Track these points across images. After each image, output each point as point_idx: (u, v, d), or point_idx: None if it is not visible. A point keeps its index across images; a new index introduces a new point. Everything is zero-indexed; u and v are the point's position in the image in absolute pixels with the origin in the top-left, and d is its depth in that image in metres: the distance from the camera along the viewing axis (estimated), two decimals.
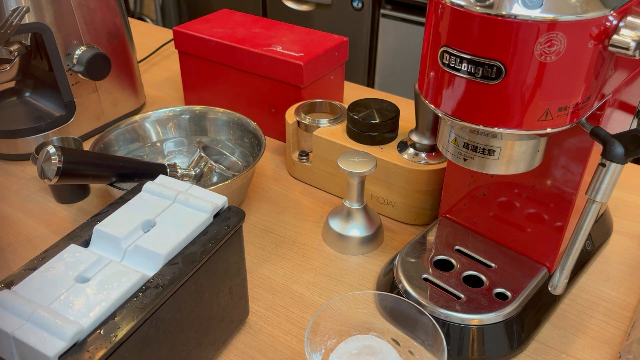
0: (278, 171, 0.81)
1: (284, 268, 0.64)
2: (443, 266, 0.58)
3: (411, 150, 0.68)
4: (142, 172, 0.66)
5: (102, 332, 0.38)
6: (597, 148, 0.49)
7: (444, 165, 0.66)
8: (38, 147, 0.73)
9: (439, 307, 0.53)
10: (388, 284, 0.58)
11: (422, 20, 1.84)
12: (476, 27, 0.39)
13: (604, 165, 0.42)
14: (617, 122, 0.52)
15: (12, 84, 0.91)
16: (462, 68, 0.41)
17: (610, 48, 0.39)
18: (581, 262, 0.63)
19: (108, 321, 0.38)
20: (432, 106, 0.45)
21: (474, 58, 0.40)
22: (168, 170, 0.68)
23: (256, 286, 0.62)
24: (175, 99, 1.01)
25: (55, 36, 0.78)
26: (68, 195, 0.74)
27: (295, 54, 0.79)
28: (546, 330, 0.56)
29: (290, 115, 0.76)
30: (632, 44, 0.38)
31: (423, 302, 0.54)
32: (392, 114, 0.70)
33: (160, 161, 0.77)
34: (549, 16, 0.37)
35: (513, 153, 0.46)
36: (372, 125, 0.69)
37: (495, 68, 0.39)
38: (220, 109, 0.79)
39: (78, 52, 0.82)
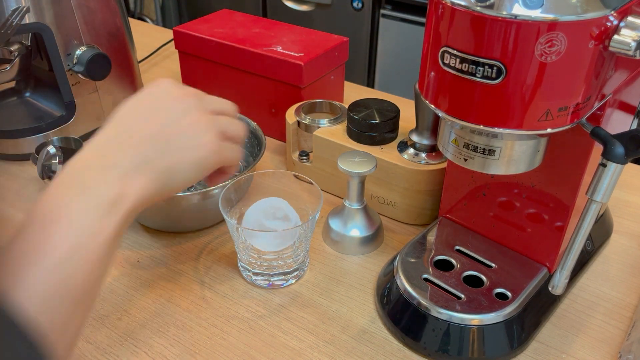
0: None
1: None
2: (443, 266, 0.58)
3: (411, 150, 0.68)
4: None
5: None
6: (598, 148, 0.49)
7: (444, 165, 0.66)
8: (38, 147, 0.73)
9: (439, 307, 0.53)
10: (388, 284, 0.58)
11: (422, 20, 1.84)
12: (477, 27, 0.39)
13: (604, 165, 0.42)
14: (618, 122, 0.52)
15: (12, 84, 0.91)
16: (463, 68, 0.41)
17: (610, 48, 0.39)
18: (581, 262, 0.63)
19: None
20: (433, 106, 0.45)
21: (475, 58, 0.40)
22: None
23: (256, 286, 0.62)
24: None
25: (55, 36, 0.78)
26: None
27: (295, 54, 0.79)
28: (546, 330, 0.56)
29: (291, 115, 0.76)
30: (633, 44, 0.38)
31: (423, 302, 0.54)
32: (392, 114, 0.70)
33: None
34: (550, 16, 0.37)
35: (513, 153, 0.46)
36: (372, 125, 0.69)
37: (495, 68, 0.39)
38: None
39: (78, 52, 0.82)
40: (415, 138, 0.67)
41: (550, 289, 0.47)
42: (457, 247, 0.61)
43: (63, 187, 0.37)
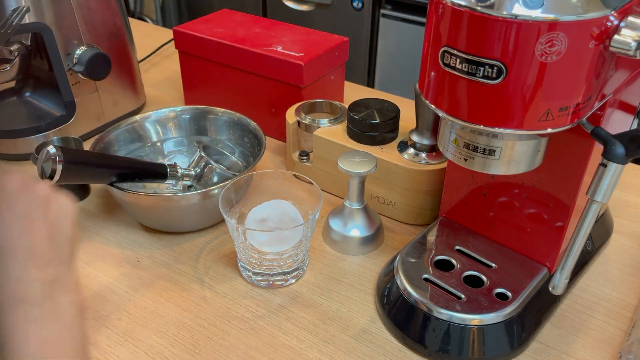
0: None
1: None
2: (443, 266, 0.58)
3: (411, 150, 0.68)
4: (142, 172, 0.66)
5: None
6: (598, 148, 0.49)
7: (444, 165, 0.66)
8: (38, 147, 0.73)
9: (440, 307, 0.53)
10: (388, 284, 0.58)
11: (422, 20, 1.83)
12: (477, 27, 0.39)
13: (604, 165, 0.42)
14: (618, 122, 0.52)
15: (12, 84, 0.91)
16: (463, 68, 0.41)
17: (611, 48, 0.39)
18: (581, 262, 0.63)
19: None
20: (433, 106, 0.45)
21: (475, 58, 0.40)
22: (168, 170, 0.68)
23: (256, 286, 0.62)
24: (175, 99, 1.01)
25: (55, 36, 0.78)
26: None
27: (296, 54, 0.79)
28: (546, 330, 0.56)
29: (291, 115, 0.76)
30: (633, 44, 0.38)
31: (423, 302, 0.54)
32: (392, 114, 0.70)
33: (160, 161, 0.77)
34: (550, 16, 0.37)
35: (514, 153, 0.46)
36: (372, 125, 0.69)
37: (495, 68, 0.39)
38: (220, 109, 0.79)
39: (78, 52, 0.82)
40: (415, 138, 0.67)
41: (550, 289, 0.47)
42: (457, 247, 0.61)
43: None
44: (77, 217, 0.42)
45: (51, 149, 0.57)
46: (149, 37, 1.24)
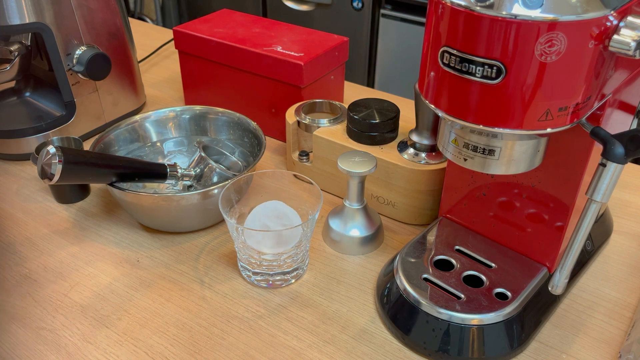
0: None
1: None
2: (443, 266, 0.58)
3: (411, 150, 0.68)
4: (142, 172, 0.66)
5: None
6: (597, 148, 0.49)
7: (444, 165, 0.66)
8: (38, 147, 0.73)
9: (439, 307, 0.53)
10: (388, 284, 0.58)
11: (422, 20, 1.83)
12: (476, 27, 0.39)
13: (604, 165, 0.42)
14: (617, 122, 0.52)
15: (12, 84, 0.91)
16: (462, 68, 0.41)
17: (610, 48, 0.39)
18: (581, 262, 0.63)
19: None
20: (433, 106, 0.45)
21: (474, 58, 0.40)
22: (168, 170, 0.68)
23: (256, 286, 0.62)
24: (175, 99, 1.01)
25: (55, 36, 0.78)
26: (68, 195, 0.74)
27: (296, 54, 0.79)
28: (546, 330, 0.56)
29: (291, 115, 0.76)
30: (633, 44, 0.38)
31: (423, 302, 0.54)
32: (392, 114, 0.70)
33: (160, 161, 0.77)
34: (549, 16, 0.37)
35: (513, 153, 0.46)
36: (372, 125, 0.69)
37: (495, 68, 0.39)
38: (220, 109, 0.79)
39: (78, 52, 0.82)
40: (415, 138, 0.67)
41: (550, 288, 0.47)
42: (457, 247, 0.61)
43: None
44: None
45: (51, 149, 0.57)
46: (149, 37, 1.24)
